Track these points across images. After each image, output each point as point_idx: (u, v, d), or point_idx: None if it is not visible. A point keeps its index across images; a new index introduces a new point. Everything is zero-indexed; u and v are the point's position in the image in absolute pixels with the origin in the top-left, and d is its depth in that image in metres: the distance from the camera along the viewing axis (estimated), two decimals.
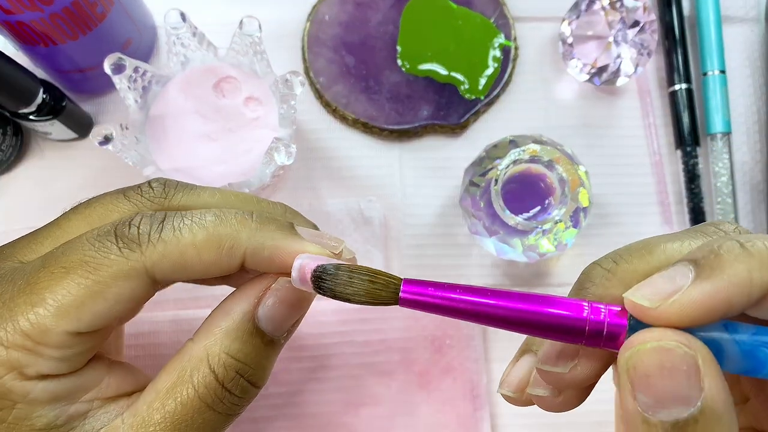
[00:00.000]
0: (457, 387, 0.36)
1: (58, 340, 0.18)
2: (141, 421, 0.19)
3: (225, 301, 0.21)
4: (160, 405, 0.19)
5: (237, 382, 0.20)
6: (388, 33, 0.40)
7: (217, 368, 0.19)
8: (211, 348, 0.19)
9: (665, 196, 0.40)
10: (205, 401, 0.19)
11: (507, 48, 0.40)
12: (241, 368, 0.20)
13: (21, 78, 0.33)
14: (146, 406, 0.20)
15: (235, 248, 0.19)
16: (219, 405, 0.20)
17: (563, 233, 0.34)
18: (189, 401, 0.19)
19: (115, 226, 0.20)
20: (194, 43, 0.34)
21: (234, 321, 0.20)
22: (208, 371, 0.19)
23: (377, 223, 0.38)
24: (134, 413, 0.20)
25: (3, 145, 0.36)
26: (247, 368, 0.20)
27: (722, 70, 0.40)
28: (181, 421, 0.19)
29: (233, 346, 0.20)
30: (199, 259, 0.19)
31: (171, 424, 0.19)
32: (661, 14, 0.41)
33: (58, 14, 0.31)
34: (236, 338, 0.20)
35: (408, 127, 0.39)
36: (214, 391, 0.19)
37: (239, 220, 0.20)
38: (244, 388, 0.20)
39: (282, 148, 0.32)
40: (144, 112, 0.35)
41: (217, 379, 0.19)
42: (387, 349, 0.36)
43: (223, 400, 0.20)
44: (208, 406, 0.19)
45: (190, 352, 0.20)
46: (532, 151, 0.32)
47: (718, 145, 0.39)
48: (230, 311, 0.20)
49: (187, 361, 0.20)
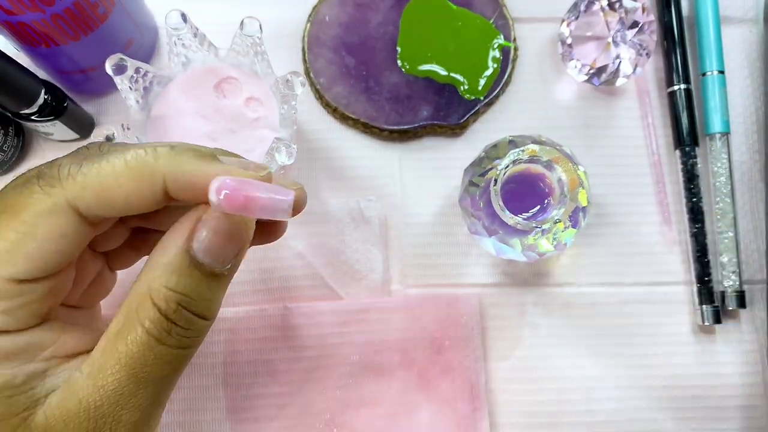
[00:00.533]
0: (456, 387, 0.36)
1: None
2: (97, 368, 0.19)
3: (163, 237, 0.21)
4: (112, 347, 0.20)
5: (181, 313, 0.20)
6: (388, 34, 0.40)
7: (159, 302, 0.19)
8: (151, 283, 0.20)
9: (664, 196, 0.40)
10: (152, 335, 0.19)
11: (506, 49, 0.40)
12: (182, 300, 0.20)
13: (22, 79, 0.33)
14: (99, 352, 0.20)
15: (153, 173, 0.20)
16: (167, 338, 0.20)
17: (562, 233, 0.34)
18: (138, 339, 0.19)
19: (39, 169, 0.20)
20: (195, 43, 0.34)
21: (170, 255, 0.20)
22: (150, 305, 0.19)
23: (377, 223, 0.38)
24: (90, 362, 0.20)
25: (5, 145, 0.36)
26: (189, 300, 0.20)
27: (721, 71, 0.40)
28: (134, 360, 0.19)
29: (172, 279, 0.19)
30: (120, 187, 0.19)
31: (126, 364, 0.19)
32: (660, 15, 0.41)
33: (60, 15, 0.31)
34: (173, 271, 0.20)
35: (408, 127, 0.39)
36: (160, 324, 0.19)
37: (158, 149, 0.20)
38: (189, 319, 0.20)
39: (283, 148, 0.32)
40: (145, 113, 0.35)
41: (161, 311, 0.19)
42: (386, 349, 0.36)
43: (170, 332, 0.20)
44: (156, 340, 0.19)
45: (134, 292, 0.20)
46: (532, 151, 0.32)
47: (716, 145, 0.39)
48: (167, 246, 0.20)
49: (132, 300, 0.20)
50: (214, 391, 0.36)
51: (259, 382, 0.36)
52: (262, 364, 0.36)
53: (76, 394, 0.19)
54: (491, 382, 0.37)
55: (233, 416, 0.36)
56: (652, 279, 0.39)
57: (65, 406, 0.19)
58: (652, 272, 0.39)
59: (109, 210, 0.20)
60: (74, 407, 0.19)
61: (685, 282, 0.39)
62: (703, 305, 0.38)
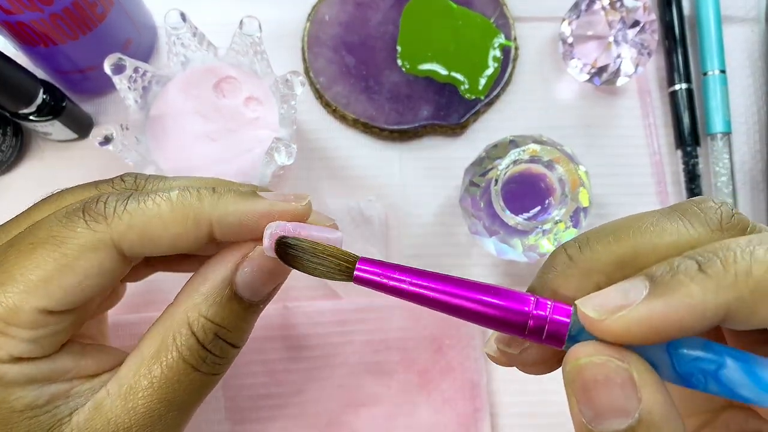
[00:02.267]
0: (456, 387, 0.36)
1: (29, 319, 0.18)
2: (128, 388, 0.20)
3: (204, 267, 0.21)
4: (146, 371, 0.20)
5: (217, 343, 0.20)
6: (388, 33, 0.40)
7: (198, 331, 0.20)
8: (191, 312, 0.20)
9: (665, 196, 0.40)
10: (189, 363, 0.20)
11: (507, 48, 0.40)
12: (219, 331, 0.20)
13: (21, 78, 0.33)
14: (132, 373, 0.20)
15: (199, 217, 0.20)
16: (202, 365, 0.20)
17: (563, 233, 0.34)
18: (174, 364, 0.20)
19: (84, 203, 0.20)
20: (194, 43, 0.34)
21: (212, 286, 0.20)
22: (189, 334, 0.20)
23: (377, 222, 0.38)
24: (120, 382, 0.20)
25: (3, 145, 0.36)
26: (226, 331, 0.20)
27: (722, 70, 0.40)
28: (168, 384, 0.20)
29: (211, 311, 0.20)
30: (165, 229, 0.20)
31: (159, 387, 0.20)
32: (662, 14, 0.41)
33: (58, 14, 0.31)
34: (214, 303, 0.20)
35: (408, 127, 0.39)
36: (197, 352, 0.20)
37: (201, 192, 0.20)
38: (224, 348, 0.21)
39: (282, 148, 0.32)
40: (144, 113, 0.35)
41: (198, 341, 0.20)
42: (387, 349, 0.36)
43: (205, 360, 0.20)
44: (192, 367, 0.20)
45: (171, 317, 0.20)
46: (532, 151, 0.32)
47: (718, 145, 0.39)
48: (209, 277, 0.20)
49: (169, 326, 0.20)
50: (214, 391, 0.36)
51: (259, 383, 0.36)
52: (261, 364, 0.36)
53: (104, 415, 0.19)
54: (491, 383, 0.37)
55: (233, 416, 0.36)
56: None
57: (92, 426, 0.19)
58: None
59: (153, 250, 0.20)
60: (102, 427, 0.19)
61: None
62: None
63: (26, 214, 0.22)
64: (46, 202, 0.22)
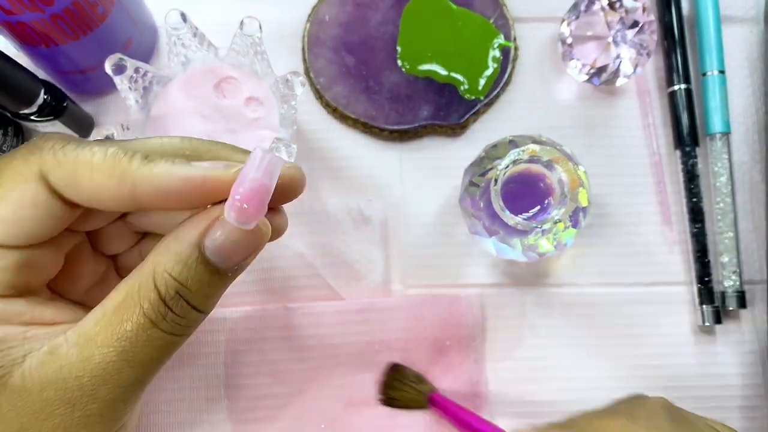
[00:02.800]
0: (457, 386, 0.36)
1: None
2: (86, 338, 0.19)
3: (179, 226, 0.21)
4: (106, 322, 0.20)
5: (177, 301, 0.20)
6: (388, 33, 0.40)
7: (160, 285, 0.20)
8: (157, 266, 0.20)
9: (664, 196, 0.40)
10: (149, 317, 0.20)
11: (507, 48, 0.40)
12: (181, 290, 0.20)
13: (22, 78, 0.33)
14: (93, 323, 0.20)
15: (125, 176, 0.20)
16: (162, 323, 0.20)
17: (563, 233, 0.34)
18: (134, 317, 0.19)
19: (33, 140, 0.21)
20: (195, 43, 0.34)
21: (182, 245, 0.20)
22: (152, 287, 0.20)
23: (377, 223, 0.38)
24: (79, 331, 0.20)
25: (4, 145, 0.36)
26: (188, 291, 0.20)
27: (721, 71, 0.40)
28: (126, 337, 0.19)
29: (176, 268, 0.20)
30: (91, 177, 0.20)
31: (117, 339, 0.19)
32: (661, 15, 0.41)
33: (59, 15, 0.31)
34: (180, 261, 0.20)
35: (408, 127, 0.39)
36: (158, 307, 0.20)
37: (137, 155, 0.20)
38: (185, 309, 0.20)
39: (283, 148, 0.32)
40: (145, 113, 0.35)
41: (160, 295, 0.20)
42: (388, 349, 0.36)
43: (165, 317, 0.20)
44: (151, 322, 0.20)
45: (139, 272, 0.20)
46: (532, 151, 0.32)
47: (717, 145, 0.39)
48: (179, 236, 0.20)
49: (137, 278, 0.20)
50: (215, 391, 0.36)
51: (260, 383, 0.36)
52: (262, 365, 0.36)
53: (57, 360, 0.19)
54: (491, 383, 0.37)
55: (234, 416, 0.36)
56: (653, 279, 0.39)
57: (44, 370, 0.19)
58: (653, 272, 0.39)
59: (76, 195, 0.20)
60: (53, 373, 0.19)
61: (686, 282, 0.39)
62: (704, 305, 0.38)
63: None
64: None
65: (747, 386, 0.38)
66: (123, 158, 0.20)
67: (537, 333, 0.38)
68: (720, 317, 0.38)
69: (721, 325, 0.38)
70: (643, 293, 0.39)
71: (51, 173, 0.20)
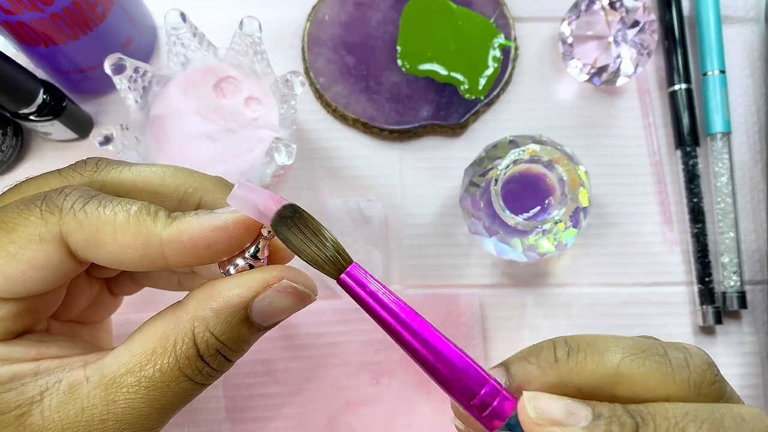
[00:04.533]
0: None
1: None
2: (112, 380, 0.19)
3: (221, 281, 0.20)
4: (137, 368, 0.19)
5: (216, 357, 0.20)
6: (388, 33, 0.40)
7: (201, 344, 0.20)
8: (198, 323, 0.20)
9: (665, 196, 0.40)
10: (184, 372, 0.20)
11: (507, 48, 0.40)
12: (221, 348, 0.20)
13: (21, 78, 0.33)
14: (118, 365, 0.19)
15: (151, 236, 0.19)
16: (197, 376, 0.20)
17: (563, 233, 0.34)
18: (169, 369, 0.19)
19: (47, 192, 0.20)
20: (194, 43, 0.34)
21: (226, 305, 0.20)
22: (191, 344, 0.20)
23: (377, 222, 0.38)
24: (102, 372, 0.19)
25: (3, 145, 0.36)
26: (228, 349, 0.20)
27: (722, 70, 0.40)
28: (157, 387, 0.19)
29: (219, 328, 0.20)
30: (114, 239, 0.19)
31: (146, 387, 0.19)
32: (661, 14, 0.41)
33: (59, 14, 0.31)
34: (224, 321, 0.20)
35: (408, 127, 0.39)
36: (195, 363, 0.20)
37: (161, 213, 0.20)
38: (221, 363, 0.20)
39: (282, 148, 0.32)
40: (144, 113, 0.35)
41: (199, 353, 0.20)
42: (387, 349, 0.36)
43: (201, 371, 0.20)
44: (186, 376, 0.20)
45: (175, 322, 0.20)
46: (532, 151, 0.32)
47: (717, 145, 0.39)
48: (223, 294, 0.20)
49: (171, 329, 0.20)
50: (214, 391, 0.36)
51: (259, 382, 0.36)
52: (261, 364, 0.36)
53: (78, 401, 0.19)
54: None
55: (233, 416, 0.36)
56: (653, 279, 0.39)
57: (65, 410, 0.19)
58: (653, 273, 0.39)
59: (97, 256, 0.20)
60: (75, 414, 0.19)
61: (686, 282, 0.39)
62: (704, 306, 0.38)
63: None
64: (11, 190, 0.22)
65: (747, 386, 0.38)
66: (147, 218, 0.20)
67: (537, 333, 0.38)
68: (721, 317, 0.38)
69: (722, 325, 0.38)
70: (644, 293, 0.39)
71: (71, 236, 0.19)
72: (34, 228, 0.19)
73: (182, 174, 0.22)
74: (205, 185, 0.22)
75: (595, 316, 0.38)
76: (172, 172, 0.22)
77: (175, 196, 0.22)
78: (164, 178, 0.22)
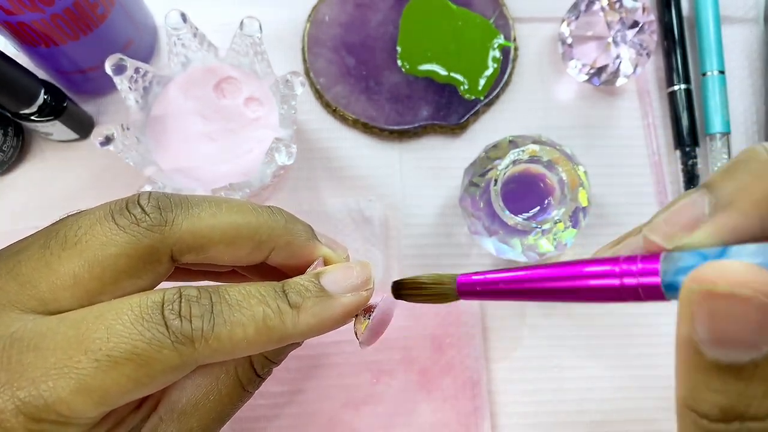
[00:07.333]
0: (457, 385, 0.36)
1: (88, 419, 0.18)
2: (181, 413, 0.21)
3: None
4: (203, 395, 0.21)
5: (267, 370, 0.23)
6: (388, 33, 0.40)
7: (257, 365, 0.23)
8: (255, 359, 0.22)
9: (664, 196, 0.40)
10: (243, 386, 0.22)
11: (506, 48, 0.40)
12: (271, 365, 0.23)
13: (22, 79, 0.33)
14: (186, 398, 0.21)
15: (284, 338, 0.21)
16: (251, 387, 0.23)
17: (563, 233, 0.34)
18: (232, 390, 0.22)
19: (161, 310, 0.19)
20: (195, 43, 0.34)
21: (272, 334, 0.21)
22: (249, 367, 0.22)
23: (377, 223, 0.38)
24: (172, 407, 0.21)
25: (4, 145, 0.36)
26: (274, 364, 0.24)
27: (721, 71, 0.40)
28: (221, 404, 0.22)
29: (272, 353, 0.23)
30: (248, 350, 0.20)
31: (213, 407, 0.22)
32: (661, 15, 0.41)
33: (59, 15, 0.31)
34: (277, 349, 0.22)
35: (408, 127, 0.39)
36: (252, 378, 0.23)
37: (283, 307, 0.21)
38: (270, 371, 0.24)
39: (283, 148, 0.32)
40: (145, 113, 0.35)
41: (256, 372, 0.23)
42: (387, 348, 0.36)
43: (255, 383, 0.23)
44: (243, 388, 0.22)
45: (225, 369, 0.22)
46: (532, 151, 0.32)
47: (717, 145, 0.39)
48: None
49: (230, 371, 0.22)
50: None
51: None
52: None
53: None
54: (491, 383, 0.37)
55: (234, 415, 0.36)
56: None
57: None
58: None
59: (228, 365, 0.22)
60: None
61: None
62: None
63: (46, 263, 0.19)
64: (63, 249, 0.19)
65: None
66: (277, 321, 0.20)
67: (537, 333, 0.38)
68: None
69: None
70: None
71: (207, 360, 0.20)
72: (169, 362, 0.18)
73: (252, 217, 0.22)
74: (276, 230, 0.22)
75: (594, 315, 0.38)
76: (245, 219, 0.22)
77: (250, 244, 0.22)
78: (239, 229, 0.21)
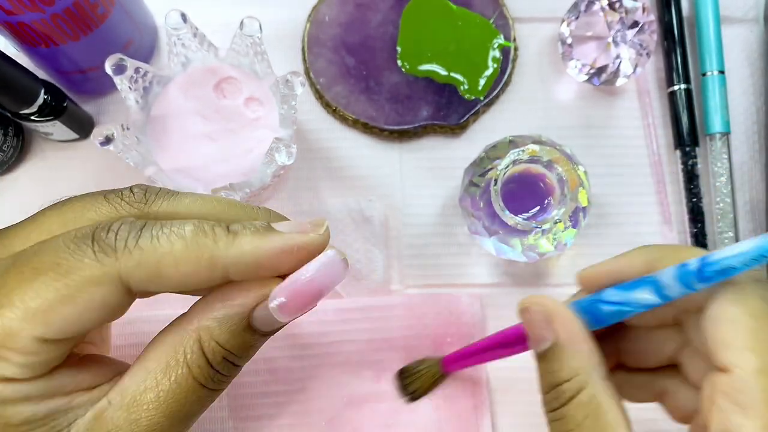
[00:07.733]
0: (457, 384, 0.36)
1: (24, 345, 0.18)
2: (132, 400, 0.20)
3: (222, 291, 0.21)
4: (153, 383, 0.20)
5: (224, 364, 0.21)
6: (388, 33, 0.40)
7: (208, 352, 0.20)
8: (203, 333, 0.20)
9: (664, 196, 0.40)
10: (198, 380, 0.20)
11: (506, 48, 0.40)
12: (227, 355, 0.21)
13: (22, 79, 0.33)
14: (136, 384, 0.20)
15: (214, 259, 0.19)
16: (209, 383, 0.21)
17: (562, 233, 0.34)
18: (183, 380, 0.20)
19: (93, 229, 0.19)
20: (195, 43, 0.34)
21: (228, 314, 0.20)
22: (200, 354, 0.20)
23: (377, 222, 0.38)
24: (123, 393, 0.20)
25: (4, 145, 0.36)
26: (233, 355, 0.21)
27: (721, 71, 0.40)
28: (175, 398, 0.20)
29: (223, 337, 0.20)
30: (176, 269, 0.19)
31: (164, 401, 0.20)
32: (661, 15, 0.41)
33: (60, 15, 0.31)
34: (228, 330, 0.20)
35: (408, 127, 0.39)
36: (206, 371, 0.20)
37: (216, 231, 0.20)
38: (230, 368, 0.21)
39: (283, 148, 0.32)
40: (145, 113, 0.35)
41: (208, 361, 0.20)
42: (389, 347, 0.37)
43: (213, 378, 0.21)
44: (201, 384, 0.20)
45: (182, 333, 0.20)
46: (532, 151, 0.32)
47: (717, 145, 0.39)
48: (226, 303, 0.20)
49: (179, 341, 0.20)
50: None
51: (261, 381, 0.36)
52: (263, 363, 0.36)
53: (104, 425, 0.19)
54: (492, 380, 0.37)
55: (235, 414, 0.36)
56: None
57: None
58: None
59: (161, 288, 0.20)
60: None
61: None
62: None
63: (32, 220, 0.21)
64: (51, 210, 0.21)
65: None
66: (206, 240, 0.19)
67: None
68: None
69: None
70: None
71: (131, 275, 0.19)
72: (89, 271, 0.18)
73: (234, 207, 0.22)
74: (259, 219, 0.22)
75: None
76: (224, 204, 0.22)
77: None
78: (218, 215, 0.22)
